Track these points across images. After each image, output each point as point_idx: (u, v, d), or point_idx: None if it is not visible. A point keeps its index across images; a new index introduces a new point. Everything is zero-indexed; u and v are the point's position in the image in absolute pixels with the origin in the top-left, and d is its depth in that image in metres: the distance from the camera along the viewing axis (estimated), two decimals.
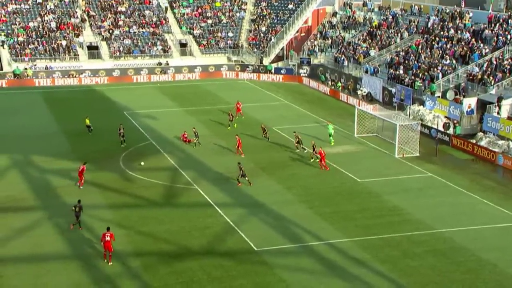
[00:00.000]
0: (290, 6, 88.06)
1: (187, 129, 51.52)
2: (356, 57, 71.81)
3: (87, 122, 53.54)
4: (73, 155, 47.30)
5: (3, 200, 38.65)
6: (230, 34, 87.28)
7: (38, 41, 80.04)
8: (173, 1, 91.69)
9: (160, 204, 38.34)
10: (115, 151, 48.35)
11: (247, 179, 40.88)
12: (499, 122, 48.82)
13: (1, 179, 42.59)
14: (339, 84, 71.81)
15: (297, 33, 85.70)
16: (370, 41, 73.85)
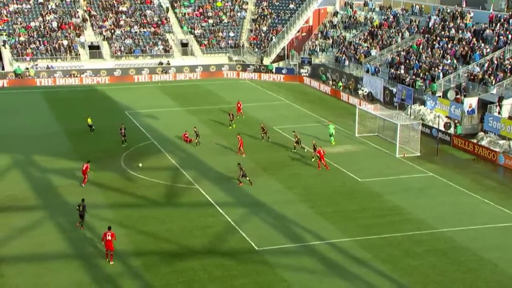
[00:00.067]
0: (291, 6, 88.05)
1: (188, 129, 51.54)
2: (357, 57, 71.80)
3: (89, 121, 53.61)
4: (74, 154, 47.35)
5: (4, 199, 38.69)
6: (231, 34, 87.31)
7: (39, 41, 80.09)
8: (174, 0, 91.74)
9: (161, 203, 38.35)
10: (116, 151, 48.38)
11: (248, 178, 40.89)
12: (500, 122, 48.82)
13: (2, 178, 42.62)
14: (340, 84, 71.82)
15: (298, 33, 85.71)
16: (371, 40, 73.83)
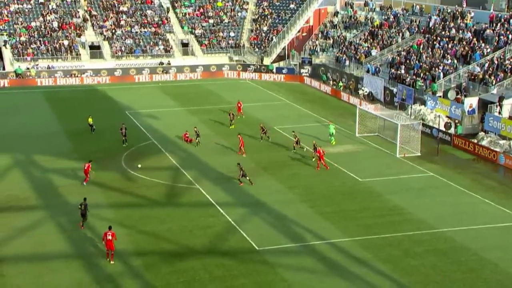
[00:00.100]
0: (292, 6, 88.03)
1: (188, 129, 51.56)
2: (357, 57, 71.81)
3: (90, 121, 53.64)
4: (75, 154, 47.39)
5: (5, 199, 38.71)
6: (232, 33, 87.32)
7: (40, 40, 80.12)
8: (174, 0, 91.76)
9: (161, 203, 38.37)
10: (117, 151, 48.39)
11: (248, 178, 40.92)
12: (500, 121, 48.84)
13: (3, 178, 42.64)
14: (340, 83, 71.84)
15: (299, 33, 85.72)
16: (371, 40, 73.85)
